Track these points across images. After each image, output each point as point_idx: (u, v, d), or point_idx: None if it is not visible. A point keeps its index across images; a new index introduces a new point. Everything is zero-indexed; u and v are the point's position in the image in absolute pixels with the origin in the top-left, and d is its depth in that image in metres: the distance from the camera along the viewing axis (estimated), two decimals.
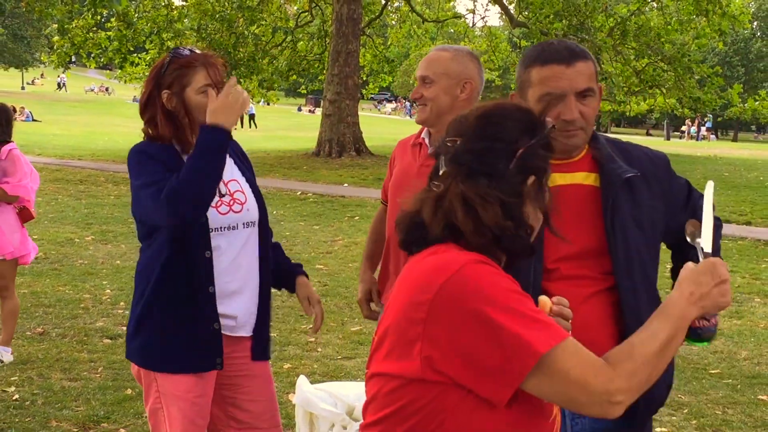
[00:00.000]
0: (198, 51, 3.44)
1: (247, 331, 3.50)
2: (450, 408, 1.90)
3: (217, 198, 3.34)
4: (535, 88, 2.69)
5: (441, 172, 1.99)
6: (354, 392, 4.99)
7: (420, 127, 3.84)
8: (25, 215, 6.77)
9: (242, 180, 3.53)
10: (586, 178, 2.77)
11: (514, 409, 1.89)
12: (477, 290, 1.84)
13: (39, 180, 6.94)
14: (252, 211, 3.49)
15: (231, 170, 3.50)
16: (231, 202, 3.42)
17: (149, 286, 3.37)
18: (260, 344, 3.57)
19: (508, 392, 1.84)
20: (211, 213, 3.34)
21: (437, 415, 1.91)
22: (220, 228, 3.37)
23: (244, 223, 3.45)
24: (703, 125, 64.70)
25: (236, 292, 3.44)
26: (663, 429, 5.66)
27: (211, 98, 3.25)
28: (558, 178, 2.65)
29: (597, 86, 2.75)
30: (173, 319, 3.35)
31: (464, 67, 3.66)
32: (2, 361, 6.63)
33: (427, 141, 3.69)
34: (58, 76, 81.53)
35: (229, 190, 3.44)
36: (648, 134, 72.73)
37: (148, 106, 3.40)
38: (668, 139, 60.48)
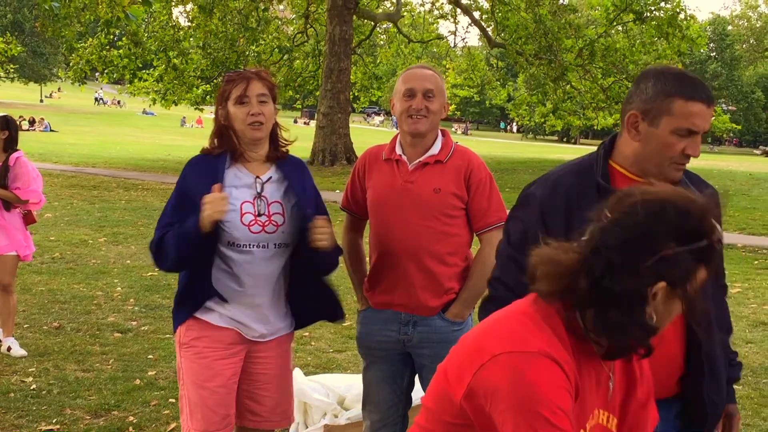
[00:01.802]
0: (247, 69, 3.46)
1: (265, 337, 3.48)
2: None
3: (252, 217, 3.35)
4: (674, 119, 2.44)
5: (585, 236, 1.84)
6: (345, 383, 4.99)
7: (388, 140, 3.78)
8: (28, 219, 6.79)
9: (288, 205, 3.45)
10: None
11: None
12: (520, 383, 1.74)
13: (42, 182, 6.95)
14: (287, 234, 3.41)
15: (279, 193, 3.45)
16: (266, 223, 3.37)
17: (181, 283, 3.47)
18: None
19: None
20: (243, 231, 3.33)
21: None
22: (249, 245, 3.35)
23: (275, 244, 3.39)
24: None
25: (259, 304, 3.41)
26: None
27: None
28: None
29: None
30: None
31: (444, 88, 3.67)
32: (25, 354, 6.64)
33: (404, 157, 3.62)
34: (96, 92, 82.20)
35: (269, 211, 3.40)
36: None
37: (214, 123, 3.47)
38: None
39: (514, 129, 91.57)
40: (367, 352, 3.82)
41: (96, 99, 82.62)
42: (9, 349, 6.65)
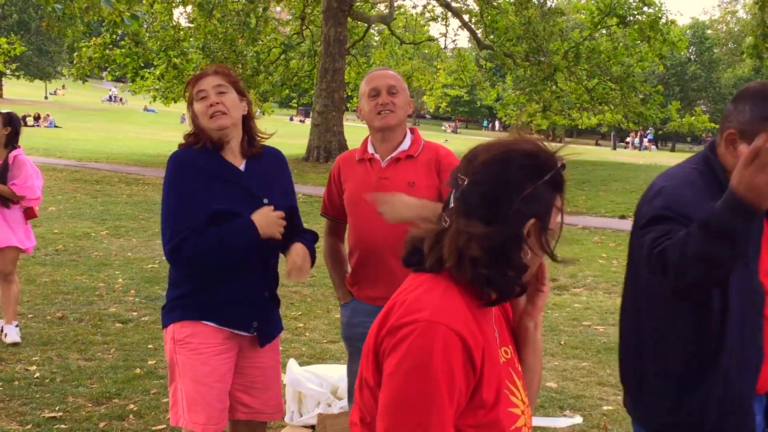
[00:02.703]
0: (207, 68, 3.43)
1: (249, 332, 3.45)
2: None
3: None
4: None
5: (450, 207, 1.86)
6: (338, 374, 4.98)
7: (360, 142, 3.79)
8: (29, 213, 6.77)
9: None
10: None
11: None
12: (415, 352, 1.72)
13: (42, 178, 6.91)
14: None
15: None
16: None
17: (181, 285, 3.49)
18: (263, 338, 3.51)
19: None
20: None
21: None
22: None
23: None
24: (645, 137, 65.05)
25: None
26: (609, 407, 5.65)
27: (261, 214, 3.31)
28: None
29: None
30: None
31: (406, 87, 3.69)
32: (18, 342, 6.60)
33: (377, 155, 3.63)
34: (110, 90, 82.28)
35: None
36: (597, 144, 73.02)
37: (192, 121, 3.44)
38: (615, 148, 60.73)
39: (497, 127, 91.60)
40: (351, 344, 3.80)
41: (110, 97, 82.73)
42: (5, 335, 6.63)
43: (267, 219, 3.27)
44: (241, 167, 3.40)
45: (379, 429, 1.74)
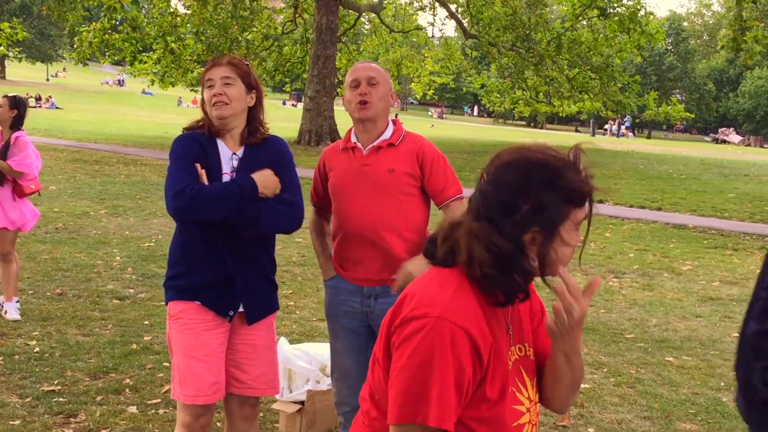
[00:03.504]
0: (223, 57, 3.46)
1: (227, 319, 3.42)
2: None
3: None
4: None
5: (471, 201, 1.84)
6: (327, 352, 4.94)
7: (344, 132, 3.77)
8: (19, 191, 6.65)
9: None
10: None
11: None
12: (425, 347, 1.71)
13: (41, 160, 6.82)
14: None
15: (229, 167, 3.40)
16: None
17: (178, 264, 3.44)
18: (251, 316, 3.48)
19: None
20: None
21: None
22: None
23: None
24: (623, 124, 65.15)
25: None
26: (585, 386, 5.66)
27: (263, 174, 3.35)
28: None
29: None
30: None
31: (390, 79, 3.68)
32: (18, 320, 6.54)
33: (359, 144, 3.63)
34: (119, 74, 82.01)
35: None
36: (576, 131, 73.06)
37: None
38: (593, 135, 60.78)
39: (475, 113, 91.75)
40: (333, 321, 3.79)
41: (118, 81, 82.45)
42: (6, 312, 6.57)
43: (264, 178, 3.32)
44: (239, 153, 3.40)
45: (391, 418, 1.74)
